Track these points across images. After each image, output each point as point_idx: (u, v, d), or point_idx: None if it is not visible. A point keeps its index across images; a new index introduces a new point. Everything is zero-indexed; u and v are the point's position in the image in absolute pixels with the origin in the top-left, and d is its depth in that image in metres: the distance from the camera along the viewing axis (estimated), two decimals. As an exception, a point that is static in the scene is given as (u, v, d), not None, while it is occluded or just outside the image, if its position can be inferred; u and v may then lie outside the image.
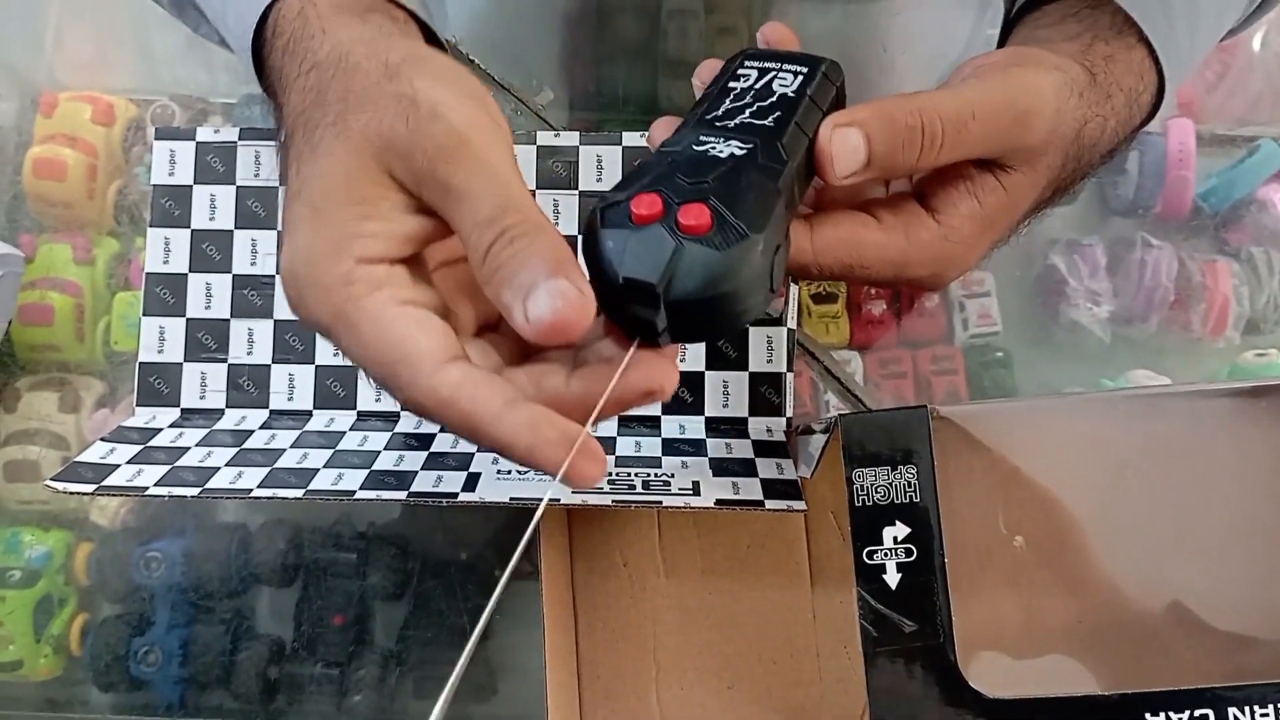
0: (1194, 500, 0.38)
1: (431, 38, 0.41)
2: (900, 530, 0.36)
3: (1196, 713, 0.35)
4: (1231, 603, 0.38)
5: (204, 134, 0.51)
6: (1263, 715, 0.35)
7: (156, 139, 0.51)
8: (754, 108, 0.37)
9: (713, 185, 0.33)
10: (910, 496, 0.37)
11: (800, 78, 0.38)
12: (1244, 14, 0.47)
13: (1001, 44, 0.46)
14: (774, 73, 0.39)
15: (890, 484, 0.37)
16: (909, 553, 0.36)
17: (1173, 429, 0.39)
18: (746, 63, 0.40)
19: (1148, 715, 0.35)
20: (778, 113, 0.36)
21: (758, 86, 0.38)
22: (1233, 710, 0.35)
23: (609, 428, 0.49)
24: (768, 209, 0.33)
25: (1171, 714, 0.35)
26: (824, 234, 0.38)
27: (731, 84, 0.39)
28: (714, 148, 0.35)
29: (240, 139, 0.51)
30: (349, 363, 0.49)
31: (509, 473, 0.43)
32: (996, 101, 0.37)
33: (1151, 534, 0.38)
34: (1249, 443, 0.38)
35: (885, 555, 0.36)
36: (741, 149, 0.35)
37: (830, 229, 0.38)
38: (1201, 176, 0.61)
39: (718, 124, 0.36)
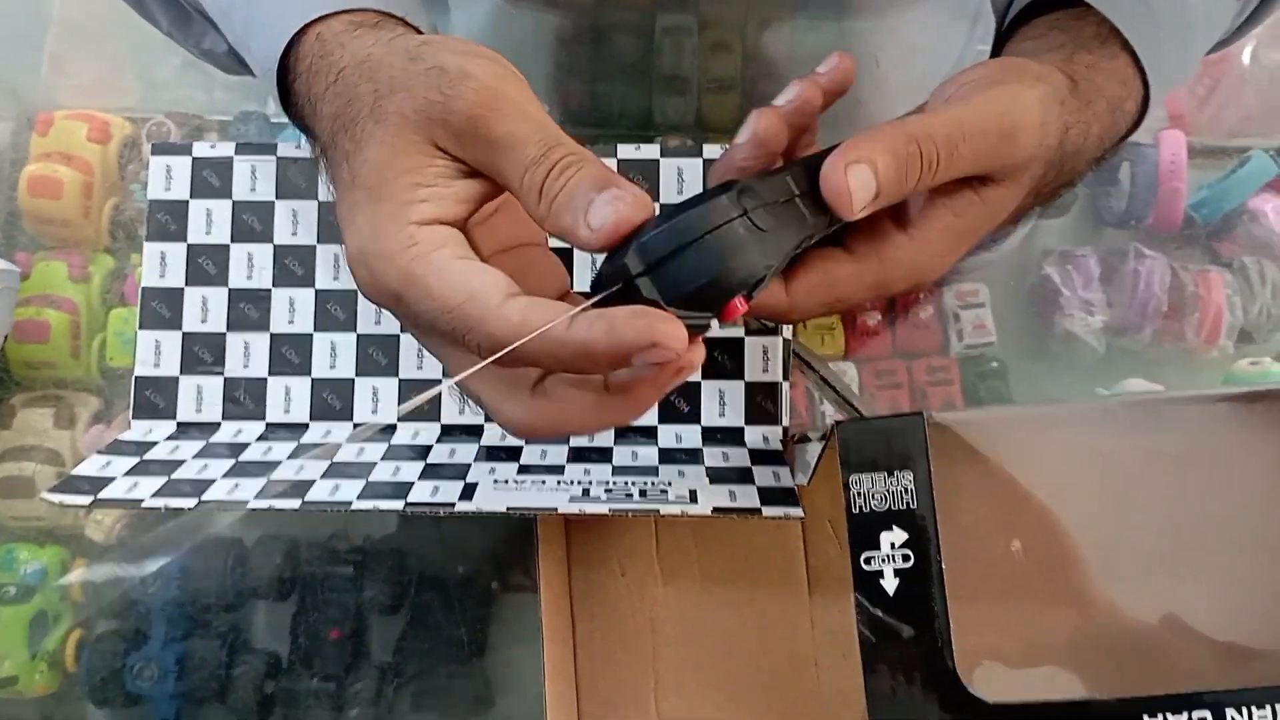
0: (1191, 509, 0.38)
1: None
2: (898, 536, 0.36)
3: (1195, 715, 0.35)
4: (1229, 613, 0.37)
5: (200, 149, 0.51)
6: (1260, 716, 0.35)
7: (153, 154, 0.51)
8: None
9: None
10: (907, 503, 0.37)
11: None
12: (1233, 26, 0.47)
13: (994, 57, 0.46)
14: None
15: (887, 490, 0.37)
16: (906, 559, 0.36)
17: (1169, 437, 0.39)
18: None
19: (1146, 718, 0.35)
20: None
21: None
22: (1230, 712, 0.35)
23: (605, 438, 0.49)
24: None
25: (1169, 716, 0.35)
26: (797, 284, 0.39)
27: None
28: None
29: (236, 153, 0.51)
30: (345, 376, 0.50)
31: (506, 482, 0.43)
32: (984, 121, 0.37)
33: (1148, 543, 0.38)
34: (1245, 449, 0.39)
35: (883, 561, 0.36)
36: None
37: (803, 276, 0.39)
38: (1193, 188, 0.61)
39: None
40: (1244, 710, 0.35)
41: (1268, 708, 0.35)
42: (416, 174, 0.34)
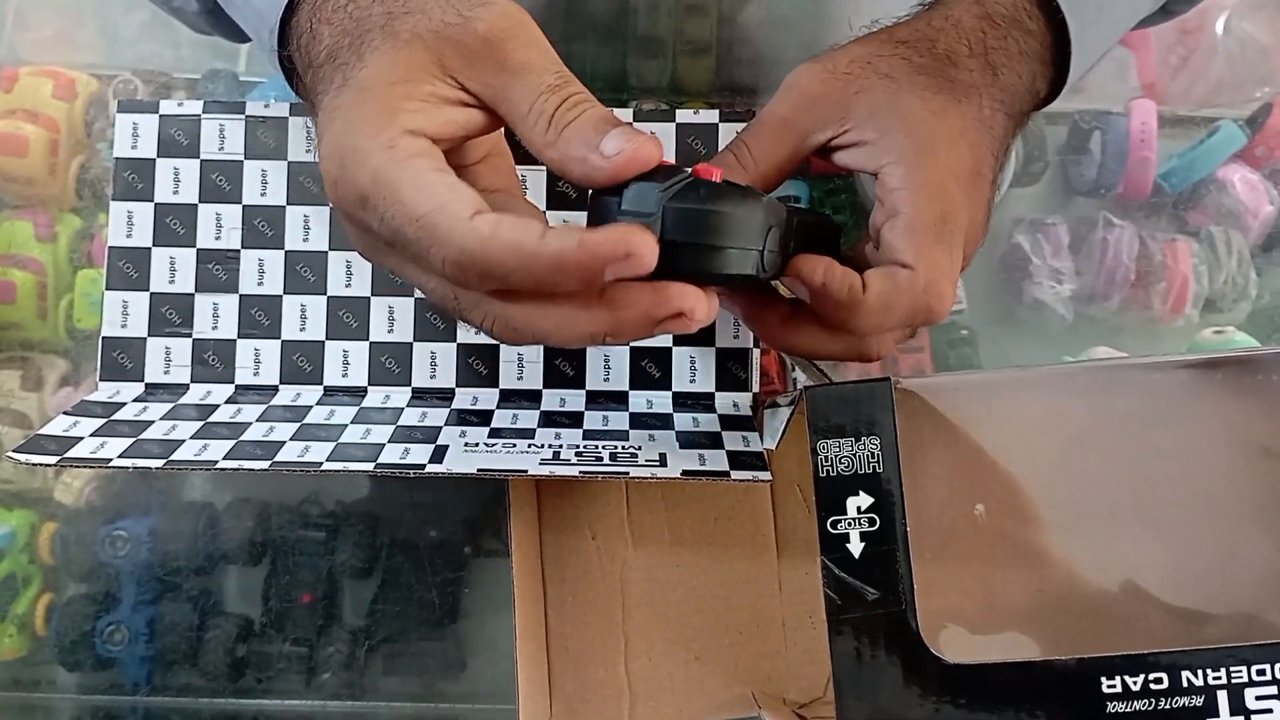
0: (1149, 473, 0.39)
1: None
2: (863, 500, 0.37)
3: (1151, 677, 0.35)
4: (1185, 577, 0.38)
5: (167, 107, 0.50)
6: (1215, 679, 0.35)
7: (119, 112, 0.50)
8: None
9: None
10: (873, 467, 0.37)
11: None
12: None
13: None
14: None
15: (854, 454, 0.37)
16: (872, 522, 0.37)
17: (1129, 401, 0.39)
18: None
19: (1104, 679, 0.35)
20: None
21: None
22: (1186, 674, 0.35)
23: (577, 402, 0.49)
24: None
25: (1127, 678, 0.35)
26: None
27: None
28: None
29: (204, 112, 0.50)
30: (315, 338, 0.49)
31: (476, 445, 0.43)
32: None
33: (1107, 507, 0.39)
34: (1204, 415, 0.39)
35: (849, 525, 0.37)
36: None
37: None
38: (1163, 157, 0.62)
39: None
40: (1199, 672, 0.35)
41: (1221, 670, 0.35)
42: (413, 85, 0.34)
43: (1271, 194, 0.61)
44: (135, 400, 0.48)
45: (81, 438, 0.43)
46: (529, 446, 0.43)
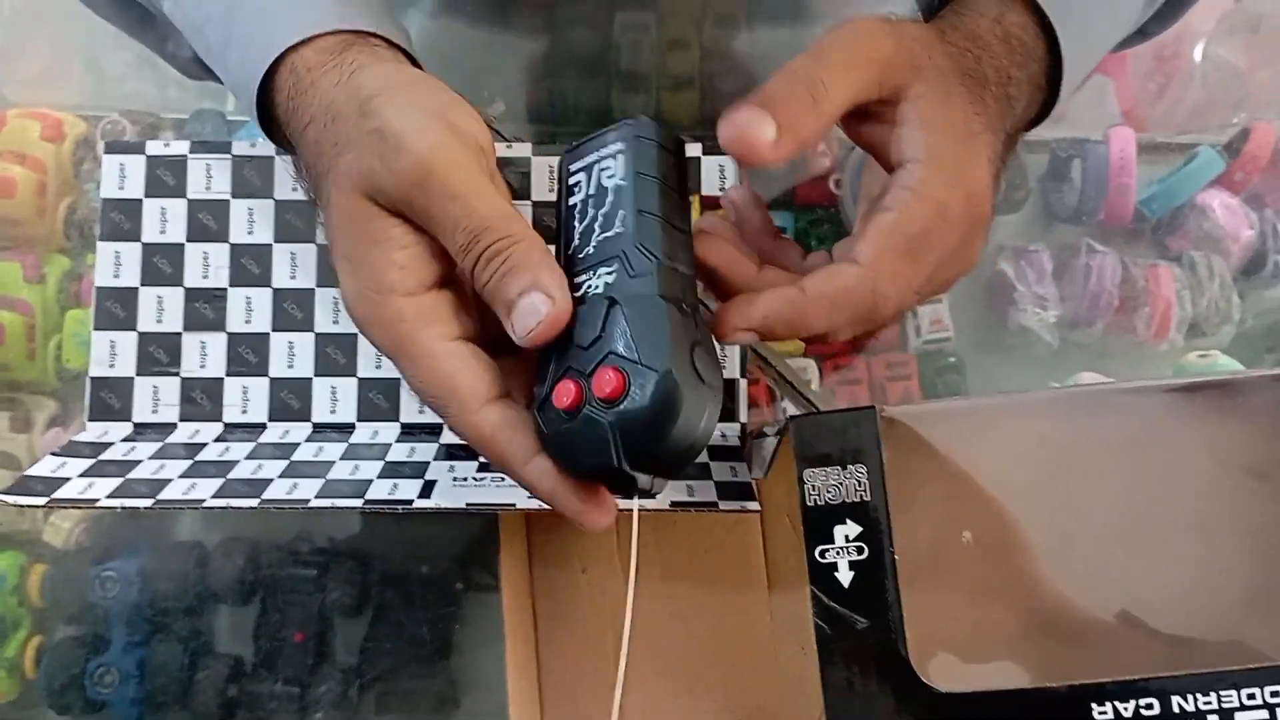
0: (1136, 496, 0.39)
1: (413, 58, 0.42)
2: (851, 529, 0.37)
3: (1142, 703, 0.35)
4: (1173, 601, 0.38)
5: (154, 148, 0.51)
6: (1205, 704, 0.35)
7: (106, 153, 0.51)
8: (599, 218, 0.37)
9: (606, 337, 0.34)
10: (861, 495, 0.37)
11: (621, 157, 0.37)
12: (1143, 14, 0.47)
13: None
14: (598, 167, 0.38)
15: (841, 483, 0.37)
16: (860, 550, 0.37)
17: (1115, 426, 0.39)
18: (571, 170, 0.39)
19: (1095, 706, 0.35)
20: (620, 211, 0.36)
21: (592, 192, 0.37)
22: (1176, 700, 0.35)
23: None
24: (661, 330, 0.33)
25: (1118, 704, 0.35)
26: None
27: (571, 201, 0.38)
28: (591, 287, 0.35)
29: (191, 153, 0.51)
30: (303, 375, 0.50)
31: (465, 480, 0.43)
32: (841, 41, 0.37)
33: (1094, 532, 0.39)
34: (1190, 438, 0.39)
35: (837, 554, 0.37)
36: (610, 275, 0.35)
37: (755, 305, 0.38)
38: (1143, 184, 0.62)
39: (580, 257, 0.36)
40: (1189, 697, 0.35)
41: (1212, 695, 0.35)
42: (382, 243, 0.36)
43: (1251, 218, 0.62)
44: (123, 440, 0.48)
45: (70, 478, 0.43)
46: (518, 480, 0.43)
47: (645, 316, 0.33)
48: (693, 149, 0.51)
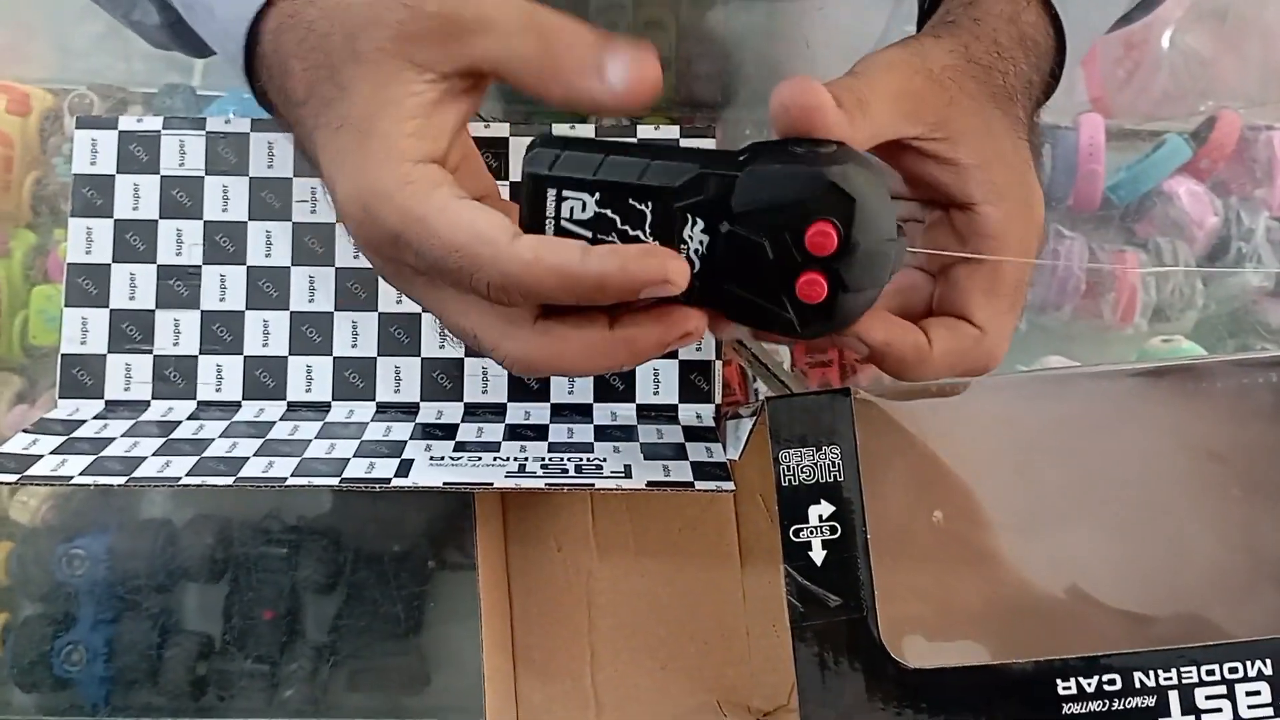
0: (1100, 477, 0.40)
1: None
2: (825, 509, 0.37)
3: (1105, 678, 0.36)
4: (1134, 579, 0.39)
5: (126, 123, 0.50)
6: (1166, 679, 0.36)
7: (78, 128, 0.50)
8: (627, 223, 0.35)
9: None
10: (834, 476, 0.38)
11: (569, 189, 0.35)
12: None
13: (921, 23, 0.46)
14: (566, 205, 0.35)
15: (815, 464, 0.38)
16: (833, 530, 0.37)
17: (1078, 409, 0.40)
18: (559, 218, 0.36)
19: (1059, 681, 0.36)
20: (629, 200, 0.35)
21: (590, 216, 0.35)
22: (1138, 675, 0.36)
23: (542, 415, 0.49)
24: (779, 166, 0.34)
25: (1082, 679, 0.36)
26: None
27: (583, 232, 0.36)
28: (691, 238, 0.34)
29: (164, 128, 0.50)
30: (278, 354, 0.49)
31: (441, 459, 0.43)
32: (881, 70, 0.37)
33: (1058, 511, 0.40)
34: (1153, 421, 0.40)
35: (811, 533, 0.37)
36: (699, 214, 0.34)
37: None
38: (1111, 170, 0.63)
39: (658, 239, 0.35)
40: (1150, 673, 0.36)
41: (1172, 670, 0.36)
42: (399, 106, 0.34)
43: (1215, 205, 0.63)
44: (95, 417, 0.47)
45: (41, 455, 0.43)
46: (494, 460, 0.43)
47: (757, 175, 0.34)
48: (670, 131, 0.51)
